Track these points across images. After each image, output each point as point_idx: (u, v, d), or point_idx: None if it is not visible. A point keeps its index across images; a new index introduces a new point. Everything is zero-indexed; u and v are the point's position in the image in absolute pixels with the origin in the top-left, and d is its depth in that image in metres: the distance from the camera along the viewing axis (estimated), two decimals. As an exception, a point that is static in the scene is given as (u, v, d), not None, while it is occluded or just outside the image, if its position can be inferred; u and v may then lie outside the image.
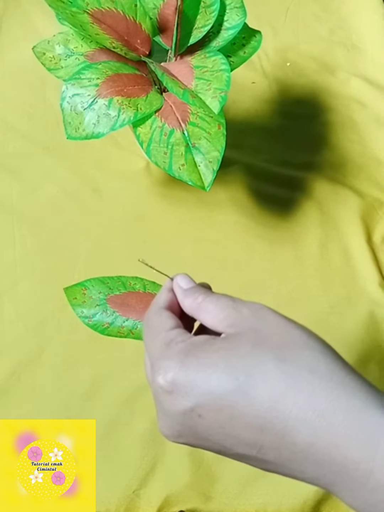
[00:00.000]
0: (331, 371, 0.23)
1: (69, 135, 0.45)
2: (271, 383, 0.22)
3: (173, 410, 0.24)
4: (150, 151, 0.45)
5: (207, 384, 0.23)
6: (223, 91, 0.44)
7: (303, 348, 0.24)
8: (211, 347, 0.24)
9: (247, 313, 0.26)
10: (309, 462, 0.22)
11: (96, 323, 0.54)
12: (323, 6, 0.79)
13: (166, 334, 0.26)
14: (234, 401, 0.22)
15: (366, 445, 0.21)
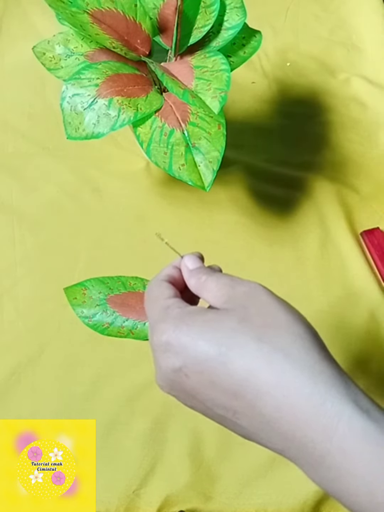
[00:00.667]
0: (304, 355, 0.25)
1: (69, 135, 0.45)
2: (248, 358, 0.25)
3: (165, 367, 0.28)
4: (150, 151, 0.45)
5: (194, 349, 0.26)
6: (223, 91, 0.44)
7: (283, 331, 0.26)
8: (203, 317, 0.27)
9: (241, 291, 0.28)
10: (275, 433, 0.24)
11: (96, 323, 0.54)
12: (323, 6, 0.79)
13: (164, 301, 0.29)
14: (214, 367, 0.25)
15: (325, 428, 0.23)
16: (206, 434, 0.51)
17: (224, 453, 0.50)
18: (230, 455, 0.50)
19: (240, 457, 0.50)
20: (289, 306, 0.28)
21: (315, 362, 0.25)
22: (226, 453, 0.50)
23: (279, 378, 0.24)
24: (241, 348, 0.25)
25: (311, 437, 0.23)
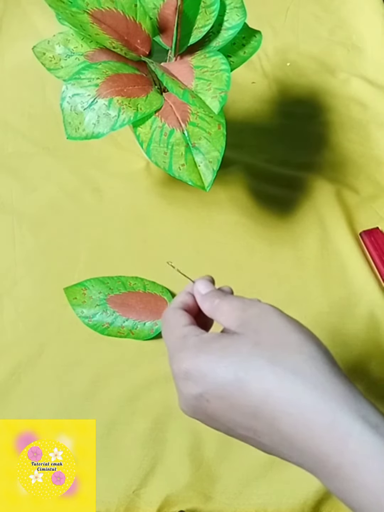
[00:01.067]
0: (315, 374, 0.26)
1: (69, 135, 0.45)
2: (263, 381, 0.26)
3: (187, 393, 0.29)
4: (150, 151, 0.45)
5: (212, 376, 0.28)
6: (223, 91, 0.44)
7: (295, 351, 0.27)
8: (218, 344, 0.29)
9: (253, 314, 0.30)
10: (293, 449, 0.26)
11: (96, 323, 0.54)
12: (323, 6, 0.79)
13: (181, 330, 0.31)
14: (233, 392, 0.27)
15: (337, 444, 0.24)
16: (206, 434, 0.51)
17: (224, 453, 0.50)
18: (230, 455, 0.50)
19: (240, 457, 0.50)
20: (299, 325, 0.29)
21: (326, 380, 0.26)
22: (226, 453, 0.50)
23: (292, 397, 0.26)
24: (256, 371, 0.27)
25: (325, 451, 0.25)
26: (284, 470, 0.50)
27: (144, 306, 0.55)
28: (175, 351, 0.30)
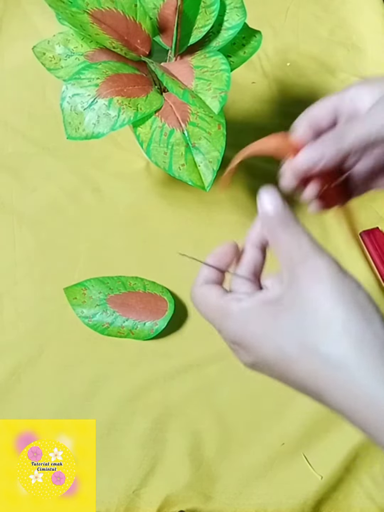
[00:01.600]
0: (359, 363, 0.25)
1: (69, 135, 0.45)
2: (308, 360, 0.26)
3: (241, 359, 0.30)
4: (150, 151, 0.45)
5: (260, 350, 0.28)
6: (223, 91, 0.44)
7: (338, 331, 0.25)
8: (260, 318, 0.28)
9: (303, 274, 0.27)
10: (341, 414, 0.26)
11: (96, 323, 0.54)
12: (323, 6, 0.79)
13: (216, 301, 0.30)
14: (281, 367, 0.27)
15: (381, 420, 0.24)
16: (206, 434, 0.51)
17: (224, 453, 0.50)
18: (230, 455, 0.50)
19: (240, 457, 0.50)
20: (349, 293, 0.26)
21: (370, 368, 0.25)
22: (226, 453, 0.50)
23: (336, 381, 0.25)
24: (301, 350, 0.26)
25: (375, 429, 0.25)
26: (284, 470, 0.50)
27: (144, 306, 0.55)
28: (221, 323, 0.29)
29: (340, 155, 0.31)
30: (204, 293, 0.31)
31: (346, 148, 0.31)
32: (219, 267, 0.32)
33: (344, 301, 0.26)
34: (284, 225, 0.29)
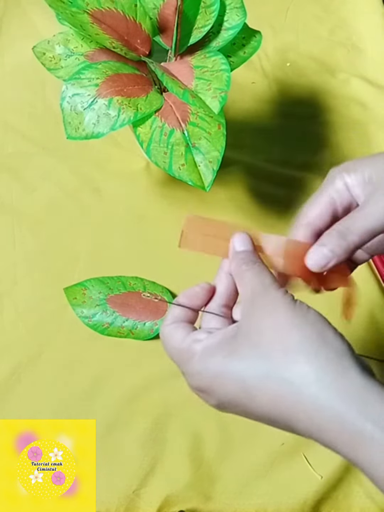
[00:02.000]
0: (318, 379, 0.25)
1: (69, 135, 0.45)
2: (270, 389, 0.26)
3: (206, 402, 0.30)
4: (150, 151, 0.45)
5: (222, 390, 0.28)
6: (223, 91, 0.44)
7: (297, 352, 0.26)
8: (222, 352, 0.28)
9: (262, 305, 0.28)
10: (314, 440, 0.26)
11: (96, 323, 0.54)
12: (323, 6, 0.79)
13: (181, 344, 0.30)
14: (244, 402, 0.27)
15: (350, 445, 0.24)
16: (206, 434, 0.51)
17: (224, 453, 0.50)
18: (230, 455, 0.50)
19: (240, 457, 0.50)
20: (305, 317, 0.28)
21: (335, 380, 0.25)
22: (226, 453, 0.50)
23: (300, 404, 0.25)
24: (262, 379, 0.26)
25: (342, 449, 0.25)
26: (284, 470, 0.50)
27: (144, 306, 0.55)
28: (184, 365, 0.30)
29: (349, 253, 0.31)
30: (170, 333, 0.31)
31: (353, 246, 0.31)
32: (190, 307, 0.32)
33: (296, 323, 0.27)
34: (251, 263, 0.31)
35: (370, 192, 0.31)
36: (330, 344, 0.26)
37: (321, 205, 0.33)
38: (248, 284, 0.30)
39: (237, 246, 0.32)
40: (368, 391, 0.25)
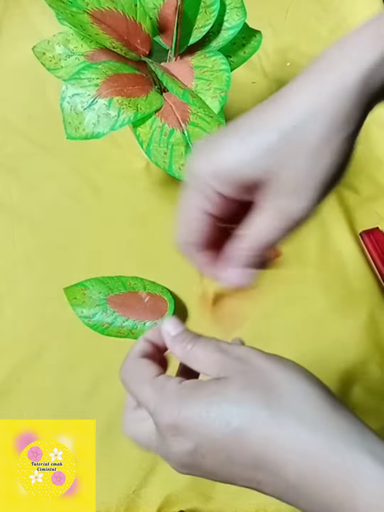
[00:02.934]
0: (314, 413, 0.24)
1: (69, 135, 0.45)
2: (260, 428, 0.24)
3: (179, 451, 0.26)
4: (150, 151, 0.45)
5: (203, 429, 0.25)
6: (223, 91, 0.44)
7: (287, 392, 0.25)
8: (204, 391, 0.26)
9: (232, 357, 0.27)
10: (301, 496, 0.24)
11: (96, 323, 0.54)
12: (323, 6, 0.79)
13: (154, 380, 0.28)
14: (229, 444, 0.24)
15: (348, 486, 0.22)
16: (206, 434, 0.51)
17: (224, 453, 0.50)
18: (230, 455, 0.50)
19: (240, 457, 0.50)
20: (284, 361, 0.27)
21: (327, 418, 0.24)
22: (226, 453, 0.50)
23: (295, 443, 0.24)
24: (251, 419, 0.24)
25: (336, 496, 0.23)
26: (284, 470, 0.50)
27: (144, 306, 0.55)
28: (156, 406, 0.26)
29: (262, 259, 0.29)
30: (137, 365, 0.29)
31: (263, 258, 0.30)
32: (157, 343, 0.31)
33: (282, 367, 0.26)
34: (194, 340, 0.29)
35: (265, 194, 0.27)
36: (318, 384, 0.26)
37: (197, 222, 0.29)
38: (205, 356, 0.28)
39: (172, 331, 0.30)
40: (363, 430, 0.24)
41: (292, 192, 0.26)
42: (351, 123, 0.26)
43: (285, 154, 0.25)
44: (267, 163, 0.26)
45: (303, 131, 0.25)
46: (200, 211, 0.28)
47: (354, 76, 0.24)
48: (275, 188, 0.26)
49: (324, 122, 0.25)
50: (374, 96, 0.26)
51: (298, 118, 0.25)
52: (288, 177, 0.25)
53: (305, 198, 0.26)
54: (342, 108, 0.25)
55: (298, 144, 0.25)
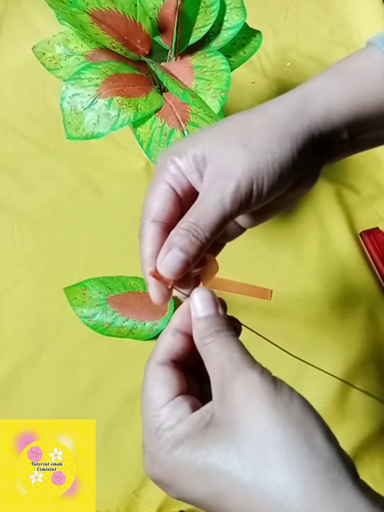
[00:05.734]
0: (303, 497, 0.21)
1: (69, 135, 0.45)
2: (242, 499, 0.22)
3: (165, 491, 0.26)
4: (150, 151, 0.45)
5: (186, 487, 0.24)
6: (223, 91, 0.44)
7: (279, 459, 0.22)
8: (191, 444, 0.24)
9: (236, 389, 0.24)
10: None
11: (96, 323, 0.54)
12: (323, 6, 0.79)
13: (156, 414, 0.26)
14: (210, 505, 0.23)
15: None
16: (206, 434, 0.51)
17: (224, 453, 0.50)
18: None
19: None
20: (289, 411, 0.23)
21: (317, 500, 0.21)
22: (226, 453, 0.50)
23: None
24: (234, 485, 0.22)
25: None
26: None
27: (144, 306, 0.55)
28: (147, 447, 0.26)
29: (204, 249, 0.27)
30: (154, 385, 0.27)
31: (206, 243, 0.27)
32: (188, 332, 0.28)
33: (279, 421, 0.23)
34: (214, 333, 0.26)
35: (208, 176, 0.28)
36: (317, 451, 0.22)
37: (162, 197, 0.28)
38: (215, 362, 0.25)
39: (199, 310, 0.27)
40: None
41: (228, 175, 0.27)
42: (282, 147, 0.28)
43: (228, 139, 0.28)
44: (213, 140, 0.28)
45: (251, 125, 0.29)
46: (167, 186, 0.29)
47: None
48: (215, 167, 0.28)
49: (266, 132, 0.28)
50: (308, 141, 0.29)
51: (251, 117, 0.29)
52: (227, 159, 0.27)
53: (239, 182, 0.27)
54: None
55: (236, 133, 0.28)
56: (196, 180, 0.28)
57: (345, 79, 0.30)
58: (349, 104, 0.29)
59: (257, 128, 0.29)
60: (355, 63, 0.31)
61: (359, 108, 0.30)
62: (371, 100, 0.30)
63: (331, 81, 0.30)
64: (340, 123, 0.29)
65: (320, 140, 0.29)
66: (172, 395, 0.26)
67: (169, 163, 0.29)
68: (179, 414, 0.25)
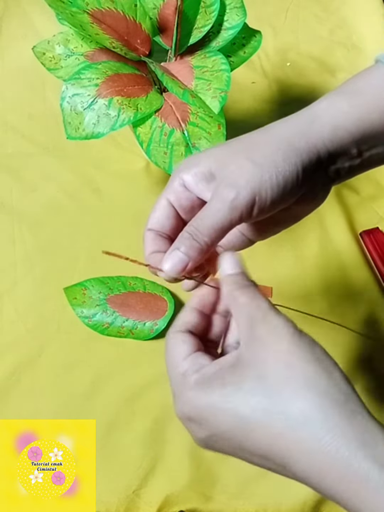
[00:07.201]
0: (325, 416, 0.24)
1: (69, 135, 0.45)
2: (268, 426, 0.25)
3: (194, 434, 0.28)
4: (150, 151, 0.45)
5: (215, 421, 0.26)
6: (223, 91, 0.44)
7: (302, 389, 0.25)
8: (220, 381, 0.26)
9: (263, 333, 0.27)
10: (309, 485, 0.25)
11: (96, 323, 0.54)
12: (323, 6, 0.79)
13: (181, 364, 0.28)
14: (239, 436, 0.26)
15: (353, 491, 0.23)
16: (206, 434, 0.51)
17: (224, 453, 0.50)
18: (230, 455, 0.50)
19: (240, 457, 0.50)
20: (312, 351, 0.26)
21: (338, 422, 0.24)
22: (226, 453, 0.50)
23: (301, 446, 0.24)
24: (261, 416, 0.25)
25: (341, 498, 0.24)
26: (284, 470, 0.50)
27: (144, 306, 0.55)
28: (176, 392, 0.28)
29: (204, 253, 0.29)
30: (176, 344, 0.29)
31: (206, 247, 0.29)
32: (203, 310, 0.31)
33: (303, 356, 0.25)
34: (243, 288, 0.29)
35: (214, 186, 0.30)
36: (337, 384, 0.25)
37: (160, 210, 0.32)
38: (244, 310, 0.28)
39: (228, 269, 0.30)
40: (376, 436, 0.23)
41: (230, 184, 0.29)
42: (286, 161, 0.30)
43: (234, 153, 0.30)
44: (221, 154, 0.31)
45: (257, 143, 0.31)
46: (166, 201, 0.32)
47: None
48: (220, 178, 0.30)
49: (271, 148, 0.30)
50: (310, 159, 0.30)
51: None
52: (232, 170, 0.30)
53: (240, 191, 0.29)
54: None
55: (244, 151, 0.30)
56: (204, 191, 0.31)
57: (351, 97, 0.31)
58: (356, 121, 0.31)
59: (263, 143, 0.31)
60: (361, 81, 0.32)
61: (366, 125, 0.31)
62: (377, 116, 0.31)
63: (337, 100, 0.32)
64: (348, 140, 0.31)
65: (327, 156, 0.31)
66: (192, 351, 0.29)
67: (175, 179, 0.32)
68: (202, 362, 0.28)
